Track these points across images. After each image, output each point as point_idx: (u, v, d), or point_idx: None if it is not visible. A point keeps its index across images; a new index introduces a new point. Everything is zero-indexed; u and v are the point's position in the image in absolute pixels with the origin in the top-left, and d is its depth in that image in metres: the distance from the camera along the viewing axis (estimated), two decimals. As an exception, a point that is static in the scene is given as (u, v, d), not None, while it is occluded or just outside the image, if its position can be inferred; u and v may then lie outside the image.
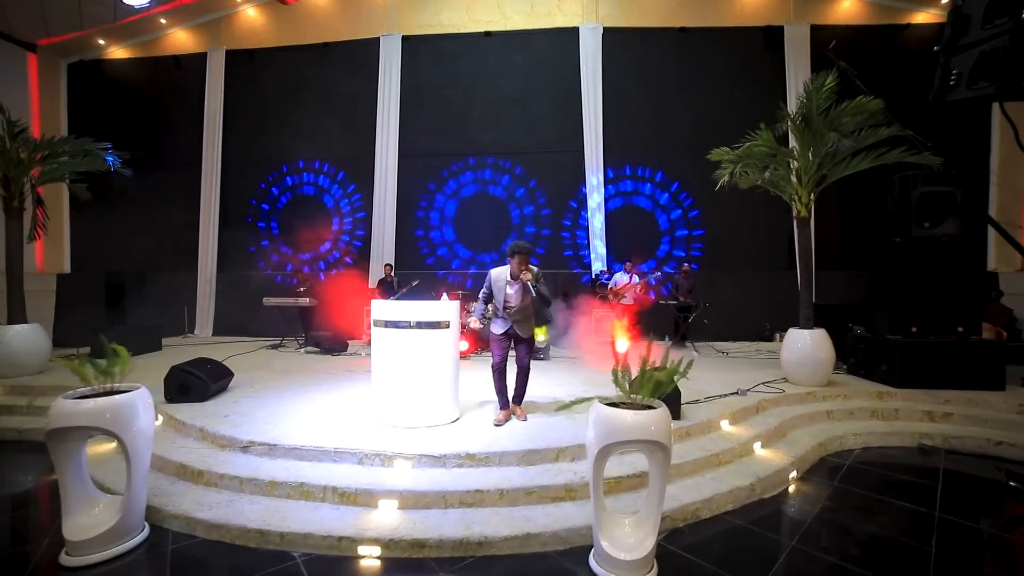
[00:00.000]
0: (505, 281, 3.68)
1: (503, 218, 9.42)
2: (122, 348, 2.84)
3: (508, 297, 3.68)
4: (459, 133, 9.57)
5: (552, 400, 4.35)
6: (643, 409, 2.29)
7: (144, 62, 10.45)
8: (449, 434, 3.43)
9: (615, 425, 2.20)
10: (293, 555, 2.47)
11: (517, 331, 3.70)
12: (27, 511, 3.21)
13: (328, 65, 9.81)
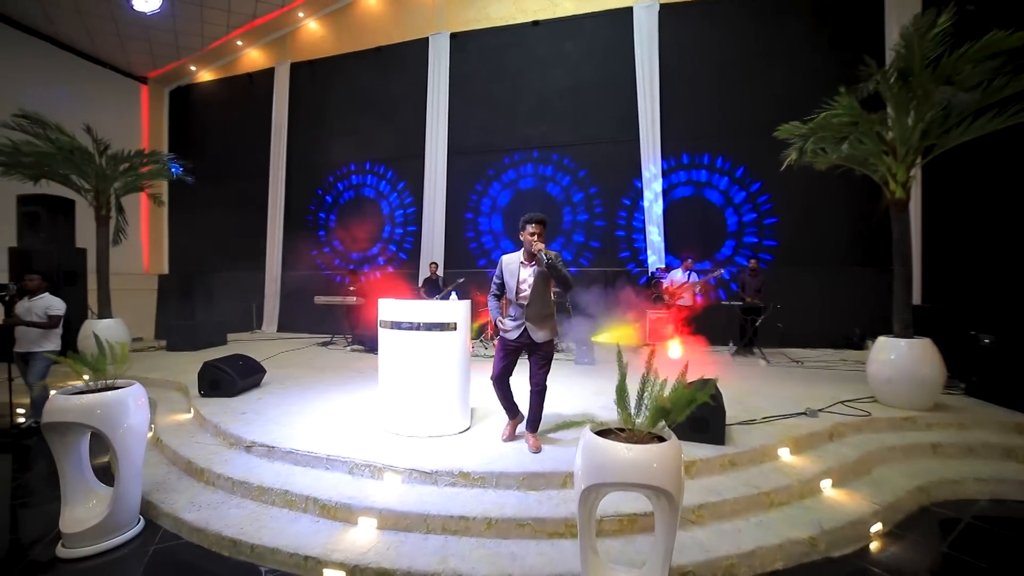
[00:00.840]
0: (519, 263, 3.09)
1: (554, 214, 8.97)
2: (123, 344, 2.89)
3: (522, 284, 3.06)
4: (508, 128, 9.31)
5: (581, 414, 3.86)
6: (646, 442, 1.79)
7: (225, 81, 11.44)
8: (450, 447, 3.13)
9: (604, 461, 1.73)
10: (260, 569, 2.31)
11: (530, 334, 3.04)
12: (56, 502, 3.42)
13: (380, 69, 10.04)
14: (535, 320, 3.05)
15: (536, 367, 3.12)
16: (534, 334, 3.06)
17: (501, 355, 3.18)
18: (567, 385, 4.94)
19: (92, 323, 5.90)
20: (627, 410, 1.91)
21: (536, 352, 3.11)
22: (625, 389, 2.00)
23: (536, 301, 3.05)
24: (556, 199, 9.01)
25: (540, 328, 3.06)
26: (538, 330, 3.06)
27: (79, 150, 5.64)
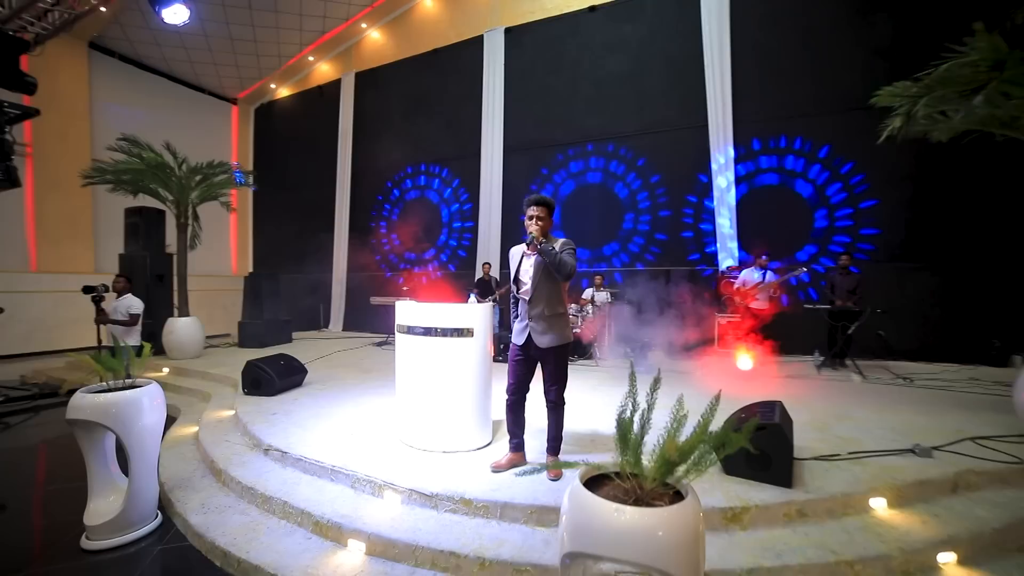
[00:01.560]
0: (523, 253, 2.74)
1: (614, 209, 8.37)
2: (147, 345, 2.97)
3: (523, 276, 2.69)
4: (564, 121, 8.88)
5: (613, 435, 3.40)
6: (655, 498, 1.35)
7: (299, 96, 12.25)
8: (461, 465, 2.83)
9: (589, 523, 1.32)
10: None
11: (534, 338, 2.63)
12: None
13: (437, 71, 10.11)
14: (538, 320, 2.63)
15: (548, 380, 2.70)
16: (538, 337, 2.63)
17: (511, 365, 2.79)
18: (615, 397, 4.43)
19: (173, 321, 6.48)
20: (631, 452, 1.47)
21: (546, 361, 2.68)
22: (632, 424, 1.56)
23: (539, 297, 2.63)
24: (616, 193, 8.41)
25: (545, 331, 2.62)
26: (543, 333, 2.62)
27: (162, 165, 6.25)
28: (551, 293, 2.65)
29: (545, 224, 2.64)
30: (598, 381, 5.16)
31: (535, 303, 2.65)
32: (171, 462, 3.40)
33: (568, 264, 2.54)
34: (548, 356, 2.66)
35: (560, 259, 2.52)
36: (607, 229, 8.40)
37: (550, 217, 2.67)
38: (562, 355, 2.68)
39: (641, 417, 1.60)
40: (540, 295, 2.64)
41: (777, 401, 2.93)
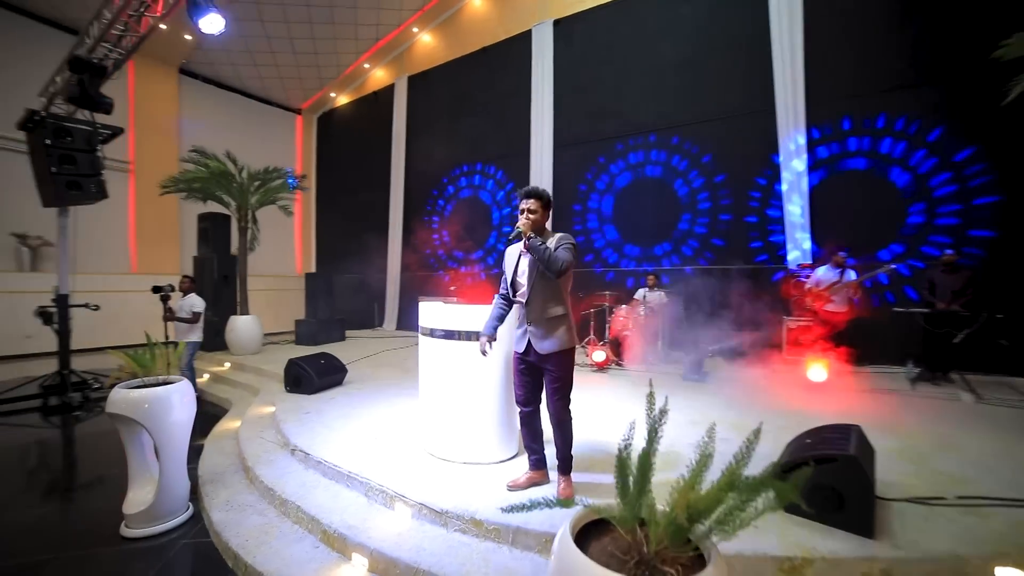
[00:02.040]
0: (519, 253, 2.49)
1: (671, 204, 7.80)
2: (182, 343, 3.05)
3: (519, 277, 2.47)
4: (616, 113, 8.42)
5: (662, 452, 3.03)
6: (665, 565, 1.05)
7: (356, 102, 12.74)
8: (479, 479, 2.62)
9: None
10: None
11: (533, 343, 2.37)
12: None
13: (486, 69, 10.04)
14: (537, 324, 2.38)
15: (549, 391, 2.41)
16: (537, 343, 2.37)
17: (515, 376, 2.54)
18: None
19: (234, 318, 6.90)
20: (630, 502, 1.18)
21: (546, 370, 2.39)
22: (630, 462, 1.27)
23: (536, 298, 2.39)
24: (672, 186, 7.82)
25: (544, 335, 2.35)
26: (542, 338, 2.36)
27: (225, 173, 6.69)
28: (549, 294, 2.39)
29: (538, 218, 2.39)
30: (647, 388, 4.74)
31: (532, 305, 2.40)
32: (211, 455, 3.51)
33: (560, 260, 2.27)
34: (548, 363, 2.37)
35: (550, 255, 2.26)
36: (662, 224, 7.85)
37: (545, 211, 2.43)
38: (564, 362, 2.38)
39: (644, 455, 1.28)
40: (537, 296, 2.39)
41: (854, 425, 2.43)
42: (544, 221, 2.42)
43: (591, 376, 5.50)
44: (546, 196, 2.42)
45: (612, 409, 4.04)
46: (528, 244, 2.30)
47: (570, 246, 2.35)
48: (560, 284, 2.40)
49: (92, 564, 2.42)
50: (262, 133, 12.30)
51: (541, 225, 2.41)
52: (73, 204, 5.06)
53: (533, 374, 2.46)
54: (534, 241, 2.29)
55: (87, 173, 4.99)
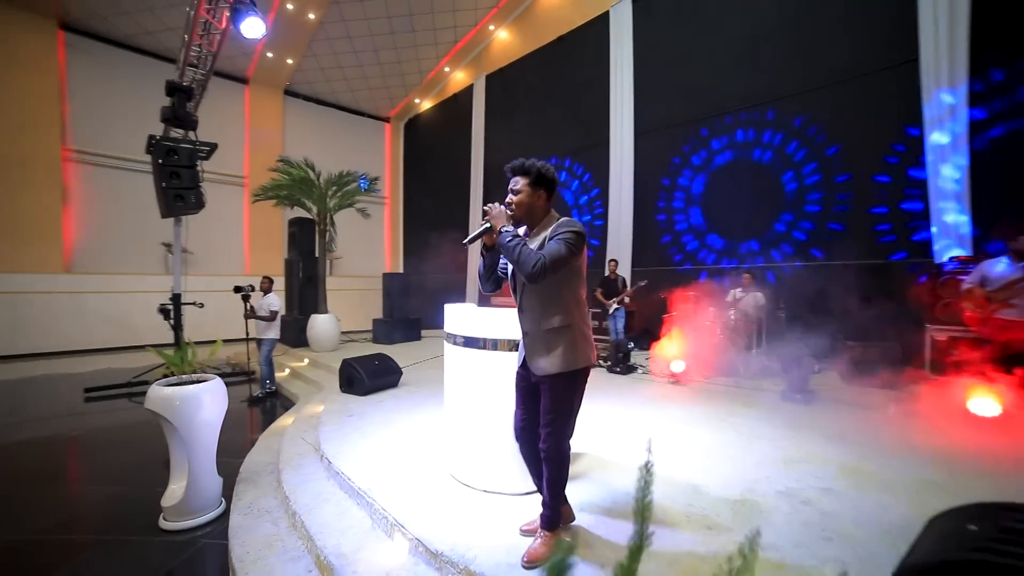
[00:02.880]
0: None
1: (770, 192, 6.65)
2: (218, 342, 3.10)
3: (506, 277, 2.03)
4: (705, 92, 7.45)
5: (736, 500, 2.37)
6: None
7: (439, 106, 13.07)
8: (494, 513, 2.23)
9: None
10: (231, 620, 1.99)
11: (528, 361, 1.90)
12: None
13: (562, 58, 9.60)
14: (531, 337, 1.89)
15: (542, 421, 1.88)
16: (531, 361, 1.88)
17: (516, 392, 2.06)
18: (746, 434, 3.26)
19: (314, 317, 7.34)
20: None
21: (544, 391, 1.87)
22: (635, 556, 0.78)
23: (530, 303, 1.88)
24: (773, 171, 6.65)
25: (540, 352, 1.85)
26: (537, 356, 1.86)
27: (306, 179, 7.14)
28: (545, 298, 1.84)
29: (530, 201, 1.87)
30: (736, 407, 3.93)
31: (525, 312, 1.91)
32: (257, 452, 3.59)
33: (533, 259, 1.69)
34: (543, 386, 1.87)
35: (521, 252, 1.72)
36: (761, 213, 6.70)
37: (540, 191, 1.89)
38: (561, 388, 1.84)
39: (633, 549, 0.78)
40: (530, 301, 1.88)
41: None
42: (537, 204, 1.89)
43: (664, 389, 4.77)
44: (536, 171, 1.87)
45: (676, 434, 3.36)
46: (498, 239, 1.80)
47: (568, 237, 1.77)
48: (560, 286, 1.84)
49: (124, 551, 2.49)
50: (355, 142, 13.21)
51: (533, 210, 1.89)
52: (179, 214, 5.68)
53: (535, 396, 1.97)
54: (503, 236, 1.77)
55: (188, 186, 5.56)
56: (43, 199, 8.88)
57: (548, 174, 1.89)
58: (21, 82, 8.65)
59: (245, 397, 5.64)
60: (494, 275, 1.99)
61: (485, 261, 1.98)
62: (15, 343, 8.54)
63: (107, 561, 2.42)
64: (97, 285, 9.28)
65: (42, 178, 8.89)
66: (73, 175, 9.32)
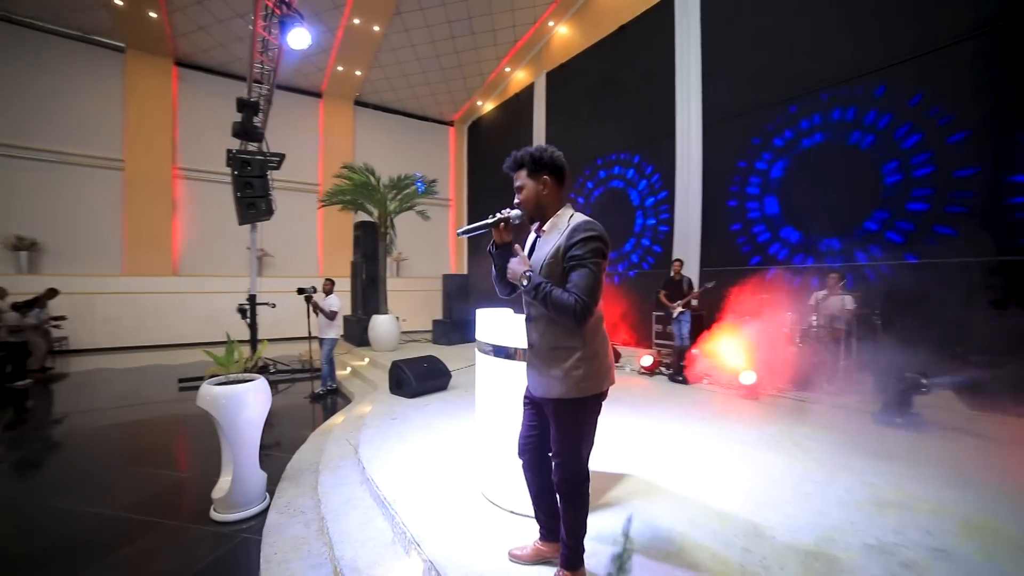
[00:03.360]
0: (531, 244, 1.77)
1: (864, 182, 5.73)
2: (264, 343, 3.21)
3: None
4: (785, 70, 6.65)
5: (785, 545, 1.98)
6: None
7: (501, 107, 13.08)
8: (517, 538, 2.04)
9: None
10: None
11: (528, 381, 1.70)
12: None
13: (624, 49, 9.14)
14: (535, 351, 1.65)
15: (552, 446, 1.65)
16: (532, 380, 1.66)
17: (524, 408, 1.83)
18: (827, 464, 2.76)
19: (375, 317, 7.60)
20: None
21: (549, 416, 1.64)
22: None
23: (537, 316, 1.63)
24: (871, 157, 5.73)
25: (541, 371, 1.61)
26: (538, 374, 1.62)
27: (366, 184, 7.42)
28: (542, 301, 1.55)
29: (536, 191, 1.64)
30: (816, 428, 3.38)
31: (532, 322, 1.67)
32: (306, 450, 3.70)
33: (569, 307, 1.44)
34: (548, 410, 1.63)
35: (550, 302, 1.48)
36: (855, 203, 5.80)
37: (543, 177, 1.64)
38: (566, 414, 1.59)
39: None
40: (538, 311, 1.62)
41: None
42: (545, 193, 1.65)
43: (731, 403, 4.26)
44: (530, 158, 1.64)
45: (738, 458, 2.93)
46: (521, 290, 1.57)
47: (588, 254, 1.49)
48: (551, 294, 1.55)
49: (178, 537, 2.64)
50: (420, 147, 13.65)
51: (542, 200, 1.66)
52: (252, 221, 6.13)
53: (537, 415, 1.75)
54: (525, 287, 1.53)
55: (260, 195, 5.98)
56: (158, 211, 10.15)
57: (545, 156, 1.65)
58: (146, 113, 10.02)
59: (308, 394, 5.94)
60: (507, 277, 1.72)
61: (495, 261, 1.76)
62: (137, 335, 9.84)
63: (161, 545, 2.56)
64: (197, 286, 10.42)
65: (158, 193, 10.16)
66: (180, 189, 10.55)
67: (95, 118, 9.70)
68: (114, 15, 9.09)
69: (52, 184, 9.36)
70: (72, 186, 9.52)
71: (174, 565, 2.35)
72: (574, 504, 1.64)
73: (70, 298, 8.97)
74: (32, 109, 9.15)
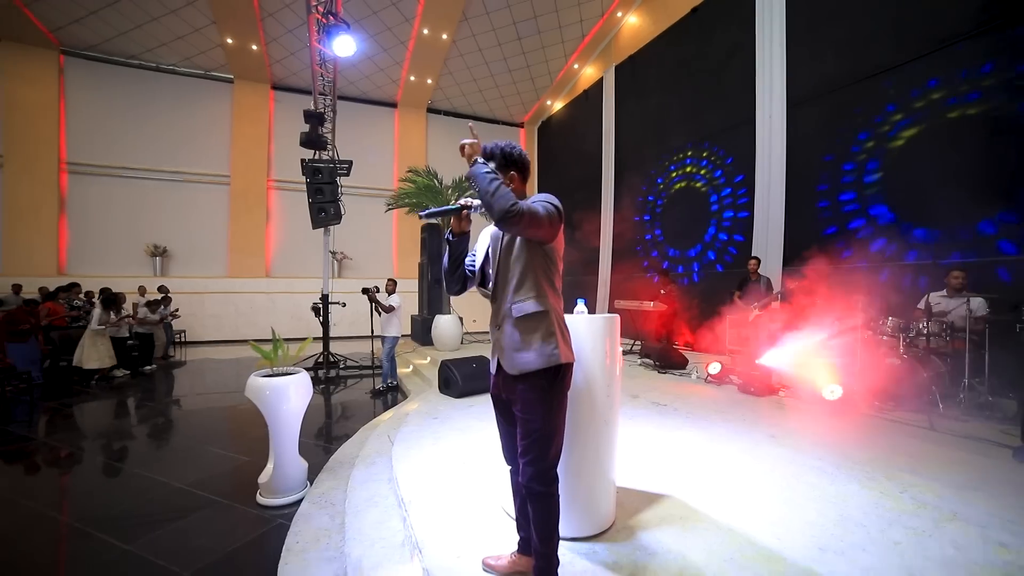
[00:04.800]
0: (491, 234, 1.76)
1: (999, 156, 4.65)
2: (308, 339, 3.35)
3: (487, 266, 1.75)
4: (881, 44, 5.69)
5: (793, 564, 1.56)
6: None
7: (570, 105, 12.82)
8: (521, 557, 1.87)
9: None
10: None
11: (502, 360, 1.60)
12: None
13: (697, 32, 8.49)
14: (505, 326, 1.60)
15: (519, 444, 1.57)
16: (506, 359, 1.59)
17: (496, 417, 1.78)
18: (936, 511, 2.20)
19: (438, 317, 7.77)
20: None
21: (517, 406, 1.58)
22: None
23: (502, 288, 1.63)
24: (1007, 132, 4.63)
25: (513, 345, 1.56)
26: (511, 350, 1.57)
27: (430, 187, 7.62)
28: (520, 280, 1.57)
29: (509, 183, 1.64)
30: (924, 462, 2.75)
31: (497, 299, 1.62)
32: (351, 443, 3.81)
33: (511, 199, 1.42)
34: (515, 397, 1.54)
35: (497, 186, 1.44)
36: (985, 189, 4.72)
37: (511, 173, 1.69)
38: (538, 391, 1.52)
39: None
40: (503, 282, 1.61)
41: None
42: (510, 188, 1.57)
43: (811, 422, 3.65)
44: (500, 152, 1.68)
45: (814, 491, 2.45)
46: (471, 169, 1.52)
47: (545, 202, 1.53)
48: (534, 270, 1.55)
49: (227, 515, 2.82)
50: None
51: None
52: (323, 225, 6.57)
53: (510, 416, 1.66)
54: (479, 167, 1.49)
55: (328, 200, 6.38)
56: (254, 220, 11.39)
57: (515, 154, 1.68)
58: (248, 132, 11.38)
59: (369, 389, 6.21)
60: (460, 269, 1.71)
61: (450, 251, 1.69)
62: (236, 330, 11.10)
63: (209, 522, 2.76)
64: (286, 286, 11.51)
65: (255, 204, 11.42)
66: (273, 200, 11.75)
67: (208, 140, 11.15)
68: (227, 52, 10.38)
69: (175, 199, 10.91)
70: (190, 200, 11.02)
71: (212, 543, 2.50)
72: (545, 506, 1.52)
73: (187, 297, 10.36)
74: (160, 138, 10.75)
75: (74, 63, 10.08)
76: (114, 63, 10.35)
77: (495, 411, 1.77)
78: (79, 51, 10.03)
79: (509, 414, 1.68)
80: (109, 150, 10.36)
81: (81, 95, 10.15)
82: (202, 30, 9.85)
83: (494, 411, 1.77)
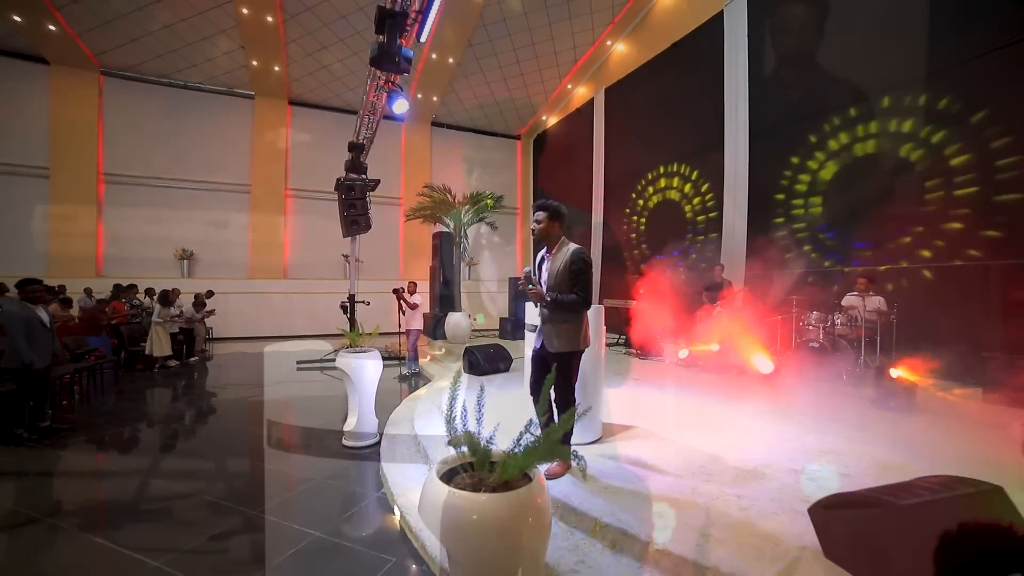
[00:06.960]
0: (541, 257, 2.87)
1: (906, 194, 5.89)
2: (376, 327, 4.47)
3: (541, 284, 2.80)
4: (830, 82, 6.92)
5: (736, 468, 2.73)
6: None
7: (563, 122, 14.00)
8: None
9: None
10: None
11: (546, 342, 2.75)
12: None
13: (676, 65, 9.70)
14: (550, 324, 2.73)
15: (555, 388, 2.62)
16: (548, 342, 2.71)
17: (532, 363, 2.92)
18: (805, 427, 3.40)
19: (450, 314, 8.89)
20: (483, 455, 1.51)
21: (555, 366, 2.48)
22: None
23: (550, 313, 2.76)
24: (913, 167, 5.89)
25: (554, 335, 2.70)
26: (553, 338, 2.70)
27: (444, 201, 8.74)
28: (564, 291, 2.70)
29: (548, 229, 2.71)
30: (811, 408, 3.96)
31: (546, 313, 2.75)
32: (400, 409, 4.91)
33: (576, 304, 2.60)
34: (555, 360, 2.64)
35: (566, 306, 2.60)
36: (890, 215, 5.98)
37: (556, 223, 2.72)
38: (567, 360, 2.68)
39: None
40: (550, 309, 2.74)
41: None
42: (553, 231, 2.72)
43: (747, 388, 4.85)
44: (553, 208, 2.71)
45: (732, 422, 3.63)
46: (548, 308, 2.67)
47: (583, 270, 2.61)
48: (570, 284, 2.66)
49: (316, 452, 3.95)
50: (490, 159, 15.03)
51: (550, 234, 2.73)
52: (354, 235, 7.63)
53: (544, 367, 2.72)
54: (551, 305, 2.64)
55: (361, 213, 7.46)
56: (273, 225, 12.39)
57: (561, 210, 2.74)
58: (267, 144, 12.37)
59: (396, 375, 7.31)
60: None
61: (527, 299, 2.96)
62: (257, 328, 12.08)
63: (312, 457, 3.88)
64: (301, 287, 12.52)
65: (273, 211, 12.40)
66: (290, 207, 12.75)
67: (230, 152, 12.12)
68: (251, 72, 11.37)
69: (200, 206, 11.86)
70: (213, 206, 11.97)
71: (318, 469, 3.62)
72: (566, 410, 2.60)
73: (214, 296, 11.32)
74: (187, 150, 11.71)
75: (112, 83, 11.00)
76: (147, 82, 11.28)
77: (533, 362, 2.87)
78: (117, 72, 10.95)
79: (543, 366, 2.74)
80: (141, 162, 11.29)
81: (117, 112, 11.07)
82: (230, 53, 10.83)
83: (532, 361, 2.88)
